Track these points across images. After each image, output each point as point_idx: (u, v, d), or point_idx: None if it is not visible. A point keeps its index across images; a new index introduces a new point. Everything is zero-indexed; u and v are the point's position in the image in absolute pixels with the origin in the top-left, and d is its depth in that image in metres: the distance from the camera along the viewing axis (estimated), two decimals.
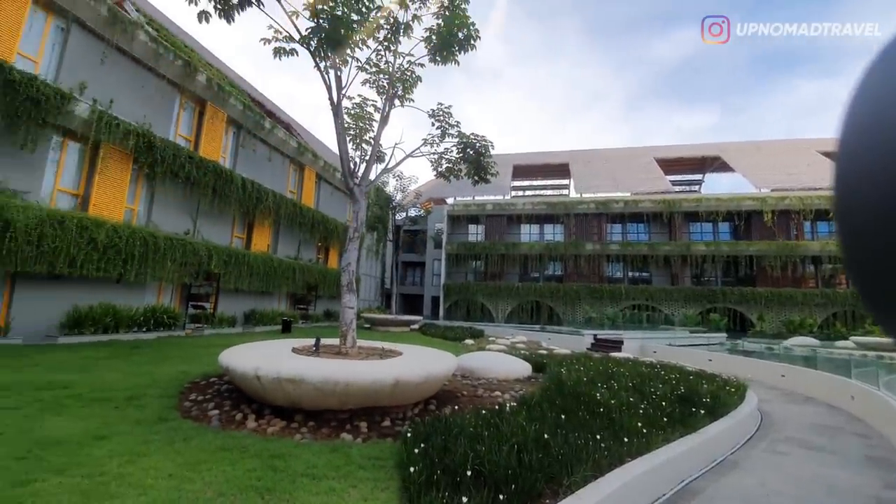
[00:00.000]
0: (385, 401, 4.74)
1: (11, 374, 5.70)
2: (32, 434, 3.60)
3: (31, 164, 9.28)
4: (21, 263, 8.43)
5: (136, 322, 10.72)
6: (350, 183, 6.66)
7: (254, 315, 15.91)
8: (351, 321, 6.14)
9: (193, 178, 12.91)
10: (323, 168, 21.80)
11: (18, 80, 8.51)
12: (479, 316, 30.97)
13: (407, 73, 7.67)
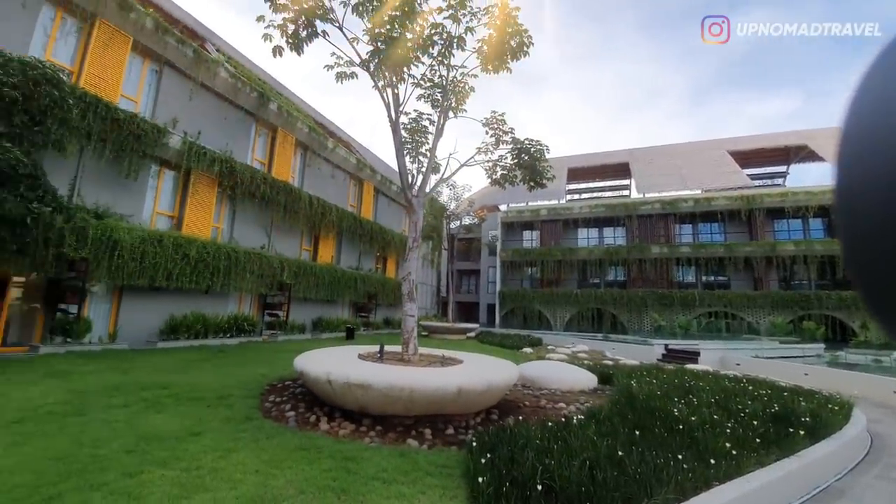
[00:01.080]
0: (448, 409, 4.77)
1: (120, 375, 6.54)
2: (139, 429, 4.09)
3: (135, 190, 10.72)
4: (127, 278, 9.71)
5: (221, 328, 11.88)
6: (408, 195, 6.90)
7: (320, 322, 16.90)
8: (412, 329, 6.29)
9: (267, 198, 14.14)
10: (380, 182, 22.75)
11: (122, 118, 9.90)
12: (537, 324, 30.17)
13: (460, 84, 7.80)
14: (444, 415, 4.85)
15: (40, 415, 4.25)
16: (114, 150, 9.81)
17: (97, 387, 5.58)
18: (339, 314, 18.78)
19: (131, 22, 10.46)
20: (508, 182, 8.73)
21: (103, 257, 9.03)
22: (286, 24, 5.70)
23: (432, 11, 6.47)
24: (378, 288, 20.95)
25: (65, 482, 2.83)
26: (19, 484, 2.74)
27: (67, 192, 8.92)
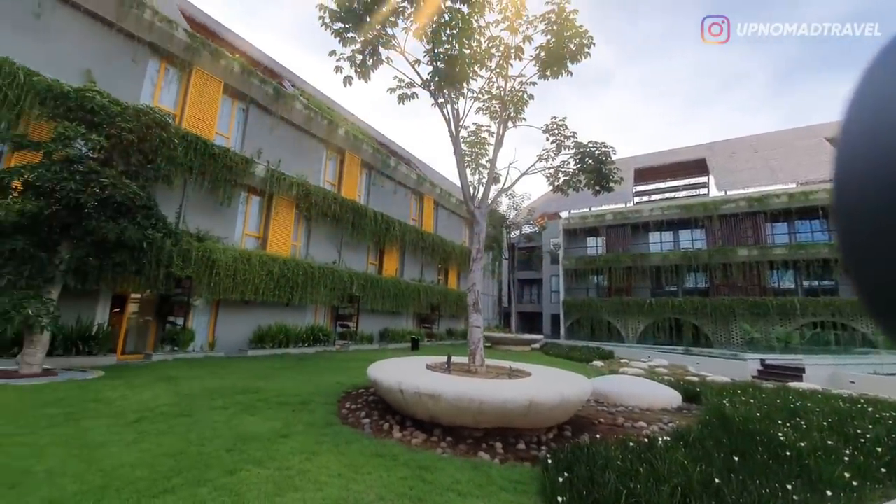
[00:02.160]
0: (518, 422, 4.66)
1: (219, 380, 7.30)
2: (236, 430, 4.51)
3: (227, 215, 12.07)
4: (222, 293, 10.90)
5: (300, 338, 12.83)
6: (470, 207, 6.97)
7: (387, 333, 17.53)
8: (479, 340, 6.28)
9: (337, 216, 15.15)
10: (439, 195, 23.27)
11: (217, 152, 11.26)
12: (606, 335, 28.43)
13: (518, 94, 7.78)
14: (514, 429, 4.74)
15: (155, 415, 4.88)
16: (211, 181, 11.19)
17: (200, 390, 6.28)
18: (404, 325, 19.31)
19: (222, 67, 11.96)
20: (572, 188, 8.45)
21: (204, 275, 10.26)
22: (355, 55, 6.16)
23: (489, 25, 6.59)
24: (440, 299, 21.26)
25: (176, 477, 3.21)
26: (140, 477, 3.15)
27: (174, 218, 10.31)
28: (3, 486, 2.81)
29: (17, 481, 2.90)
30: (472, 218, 7.04)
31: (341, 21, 5.91)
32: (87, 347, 8.13)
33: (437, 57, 6.20)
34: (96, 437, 3.95)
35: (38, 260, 6.60)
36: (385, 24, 6.07)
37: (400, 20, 6.14)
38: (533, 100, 7.88)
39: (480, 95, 7.59)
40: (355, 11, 5.73)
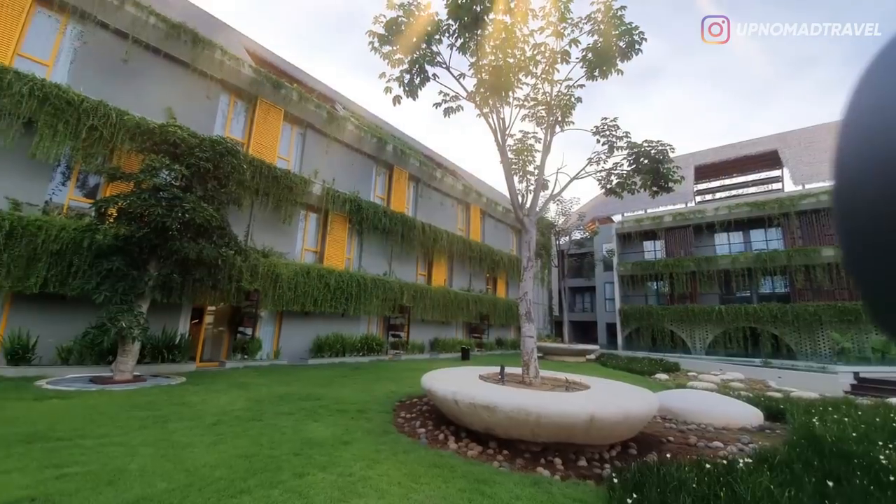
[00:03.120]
0: (578, 438, 4.46)
1: (284, 387, 7.74)
2: (302, 435, 4.74)
3: (288, 232, 12.91)
4: (285, 304, 11.62)
5: (355, 348, 13.31)
6: (519, 215, 6.90)
7: (437, 343, 17.66)
8: (532, 350, 6.14)
9: (387, 228, 15.66)
10: (486, 204, 23.25)
11: (279, 175, 12.13)
12: (669, 345, 26.48)
13: (565, 97, 7.64)
14: (574, 444, 4.54)
15: (230, 419, 5.27)
16: (274, 201, 12.07)
17: (268, 396, 6.71)
18: (454, 335, 19.34)
19: (282, 97, 12.94)
20: (627, 190, 8.07)
21: (269, 288, 11.03)
22: (403, 75, 6.42)
23: (533, 33, 6.57)
24: (489, 308, 21.08)
25: (251, 478, 3.43)
26: (220, 477, 3.40)
27: (243, 237, 11.22)
28: (102, 483, 3.13)
29: (114, 479, 3.22)
30: (520, 226, 6.95)
31: (389, 44, 6.20)
32: (171, 356, 9.01)
33: (482, 69, 6.28)
34: (181, 439, 4.33)
35: (131, 277, 7.47)
36: (430, 43, 6.26)
37: (445, 37, 6.31)
38: (581, 102, 7.70)
39: (526, 102, 7.55)
40: (402, 33, 5.99)
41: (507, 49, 6.14)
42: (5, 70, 7.72)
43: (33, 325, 7.75)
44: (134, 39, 9.93)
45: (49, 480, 3.08)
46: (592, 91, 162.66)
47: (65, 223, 7.96)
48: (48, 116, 8.12)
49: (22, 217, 7.56)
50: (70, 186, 8.96)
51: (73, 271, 7.86)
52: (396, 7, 5.88)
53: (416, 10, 5.94)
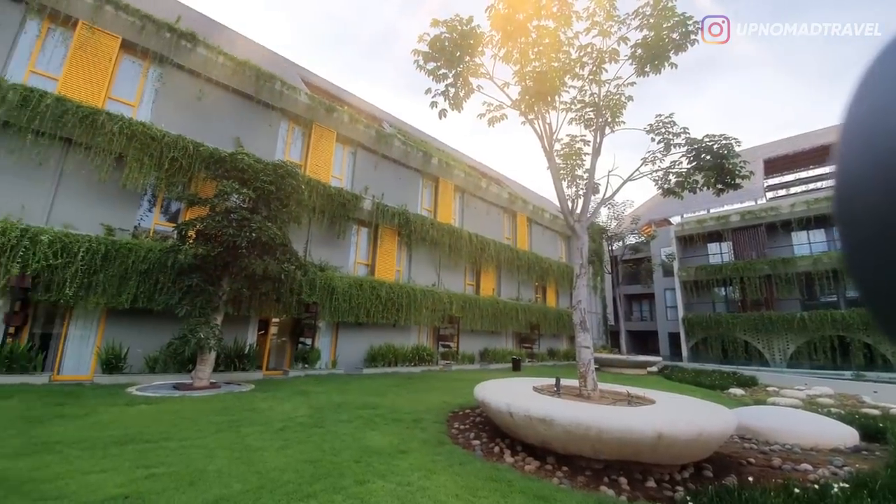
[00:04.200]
0: (645, 456, 4.18)
1: (342, 396, 8.03)
2: (361, 443, 4.87)
3: (342, 246, 13.52)
4: (341, 316, 12.12)
5: (407, 358, 13.54)
6: (570, 221, 6.71)
7: (487, 353, 17.47)
8: (589, 361, 5.88)
9: (435, 240, 15.90)
10: (532, 212, 22.88)
11: (333, 193, 12.80)
12: (743, 357, 24.08)
13: (614, 97, 7.38)
14: (640, 463, 4.26)
15: (295, 425, 5.54)
16: (329, 218, 12.75)
17: (328, 404, 6.99)
18: (504, 345, 19.04)
19: (334, 119, 13.73)
20: (688, 189, 7.57)
21: (326, 300, 11.59)
22: (448, 89, 6.57)
23: (577, 35, 6.45)
24: (539, 318, 20.55)
25: (316, 483, 3.57)
26: (288, 481, 3.58)
27: (302, 252, 11.91)
28: (184, 483, 3.40)
29: (196, 479, 3.49)
30: (571, 232, 6.75)
31: (434, 60, 6.39)
32: (241, 364, 9.71)
33: (526, 76, 6.26)
34: (252, 443, 4.63)
35: (207, 292, 8.20)
36: (474, 55, 6.37)
37: (488, 48, 6.38)
38: (632, 101, 7.39)
39: (573, 105, 7.38)
40: (446, 49, 6.15)
41: (552, 53, 6.07)
42: (98, 112, 8.89)
43: (125, 338, 8.72)
44: (206, 78, 11.06)
45: (139, 480, 3.40)
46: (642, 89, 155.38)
47: (151, 245, 8.95)
48: (136, 151, 9.23)
49: (115, 241, 8.60)
50: (155, 212, 10.08)
51: (159, 288, 8.78)
52: (440, 24, 6.06)
53: (460, 25, 6.07)
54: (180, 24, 10.55)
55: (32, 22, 9.00)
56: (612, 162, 47.38)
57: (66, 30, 9.34)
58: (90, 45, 9.40)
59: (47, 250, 7.71)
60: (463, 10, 62.42)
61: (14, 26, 8.67)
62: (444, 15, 15.51)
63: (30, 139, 8.20)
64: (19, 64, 8.75)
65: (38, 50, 9.04)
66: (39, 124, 8.19)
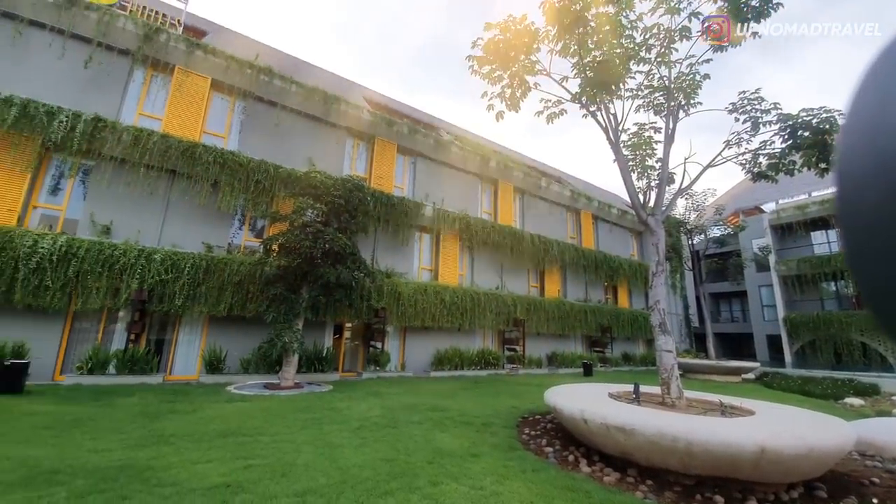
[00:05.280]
0: (744, 473, 3.74)
1: (412, 397, 8.25)
2: (432, 444, 4.96)
3: (406, 253, 13.97)
4: (408, 320, 12.50)
5: (472, 361, 13.56)
6: (642, 216, 6.26)
7: (555, 357, 16.86)
8: (672, 367, 5.42)
9: (496, 243, 15.80)
10: (597, 208, 21.76)
11: (396, 202, 13.29)
12: (860, 361, 20.53)
13: (687, 78, 6.79)
14: (739, 480, 3.82)
15: (370, 424, 5.81)
16: (393, 226, 13.28)
17: (399, 405, 7.24)
18: (573, 349, 18.25)
19: (394, 132, 14.32)
20: (783, 172, 6.67)
21: (393, 306, 12.05)
22: (504, 90, 6.53)
23: (641, 16, 6.04)
24: (611, 320, 19.39)
25: (393, 481, 3.70)
26: (367, 478, 3.75)
27: (370, 260, 12.53)
28: (277, 474, 3.71)
29: (287, 472, 3.80)
30: (644, 227, 6.29)
31: (488, 64, 6.39)
32: (320, 366, 10.44)
33: (586, 67, 5.99)
34: (333, 439, 4.94)
35: (290, 300, 8.95)
36: (529, 53, 6.25)
37: (543, 44, 6.23)
38: (708, 79, 6.73)
39: (639, 92, 6.91)
40: (501, 51, 6.11)
41: (613, 40, 5.75)
42: (196, 145, 10.17)
43: (223, 342, 9.82)
44: (281, 106, 12.18)
45: (239, 470, 3.77)
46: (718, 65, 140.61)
47: (242, 259, 10.01)
48: (227, 177, 10.41)
49: (213, 257, 9.75)
50: (244, 230, 11.27)
51: (249, 297, 9.78)
52: (493, 27, 6.04)
53: (513, 25, 6.01)
54: (258, 60, 11.75)
55: (138, 71, 10.59)
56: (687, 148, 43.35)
57: (165, 75, 10.86)
58: (186, 86, 10.83)
59: (160, 267, 8.97)
60: (514, 9, 61.79)
61: (124, 76, 10.25)
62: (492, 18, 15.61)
63: (142, 172, 9.63)
64: (130, 108, 10.33)
65: (145, 95, 10.60)
66: (149, 159, 9.59)
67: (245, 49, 12.56)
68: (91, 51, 9.77)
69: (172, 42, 10.56)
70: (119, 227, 9.32)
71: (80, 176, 9.41)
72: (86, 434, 4.65)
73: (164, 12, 11.41)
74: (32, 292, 7.81)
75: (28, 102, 8.51)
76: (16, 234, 7.86)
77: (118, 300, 8.56)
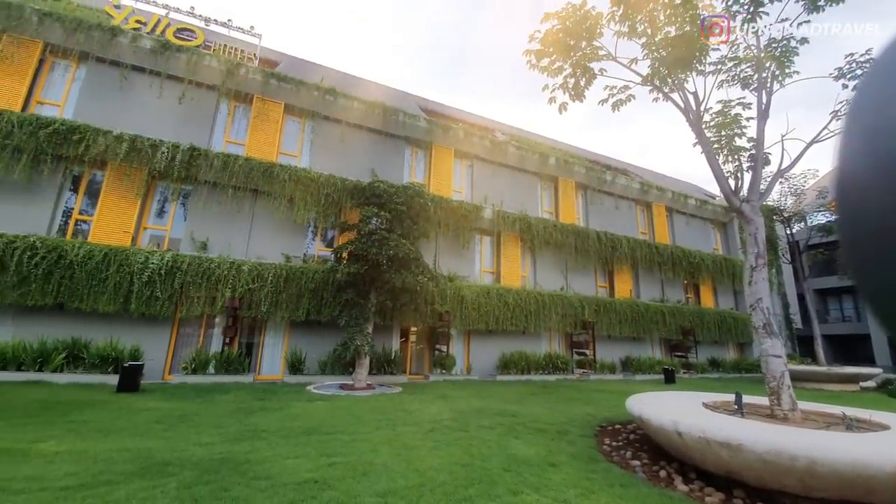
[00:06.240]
0: (881, 497, 3.13)
1: (480, 401, 8.14)
2: (507, 451, 4.80)
3: (467, 256, 13.95)
4: (471, 324, 12.43)
5: (539, 365, 13.11)
6: (735, 203, 5.57)
7: (630, 362, 15.73)
8: (782, 374, 4.73)
9: (559, 242, 15.21)
10: (671, 199, 20.06)
11: (455, 206, 13.35)
12: None
13: (781, 44, 5.98)
14: None
15: (442, 427, 5.80)
16: (453, 230, 13.37)
17: (468, 409, 7.17)
18: (650, 353, 16.90)
19: (450, 137, 14.47)
20: None
21: (456, 309, 12.08)
22: (566, 80, 6.25)
23: None
24: (694, 321, 17.66)
25: (471, 487, 3.62)
26: (444, 482, 3.71)
27: (432, 264, 12.70)
28: (359, 473, 3.81)
29: (367, 471, 3.88)
30: (738, 216, 5.59)
31: (547, 56, 6.16)
32: (389, 368, 10.76)
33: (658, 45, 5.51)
34: (408, 441, 5.00)
35: (360, 305, 9.34)
36: (592, 39, 5.92)
37: (607, 28, 5.85)
38: (806, 44, 5.86)
39: (722, 66, 6.20)
40: (560, 42, 5.85)
41: (690, 12, 5.23)
42: (274, 165, 11.09)
43: (303, 344, 10.52)
44: (346, 122, 12.89)
45: (324, 467, 3.93)
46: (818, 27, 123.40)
47: (316, 268, 10.67)
48: (301, 192, 11.20)
49: (292, 266, 10.51)
50: (317, 240, 12.03)
51: (324, 303, 10.39)
52: (552, 17, 5.81)
53: (573, 13, 5.73)
54: (323, 82, 12.58)
55: (223, 103, 11.85)
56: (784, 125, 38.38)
57: (245, 105, 12.02)
58: (263, 113, 11.90)
59: (247, 277, 9.86)
60: None
61: (212, 109, 11.52)
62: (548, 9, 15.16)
63: (230, 193, 10.71)
64: (218, 137, 11.58)
65: (230, 124, 11.82)
66: (235, 181, 10.64)
67: (311, 73, 13.51)
68: (183, 88, 11.12)
69: (250, 74, 11.68)
70: (214, 243, 10.44)
71: (181, 199, 10.71)
72: (191, 428, 5.18)
73: (242, 48, 12.65)
74: (145, 302, 8.99)
75: (136, 138, 9.88)
76: (131, 252, 9.12)
77: (215, 307, 9.56)
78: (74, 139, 9.34)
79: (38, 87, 10.14)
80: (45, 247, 8.43)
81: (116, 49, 10.58)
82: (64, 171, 9.65)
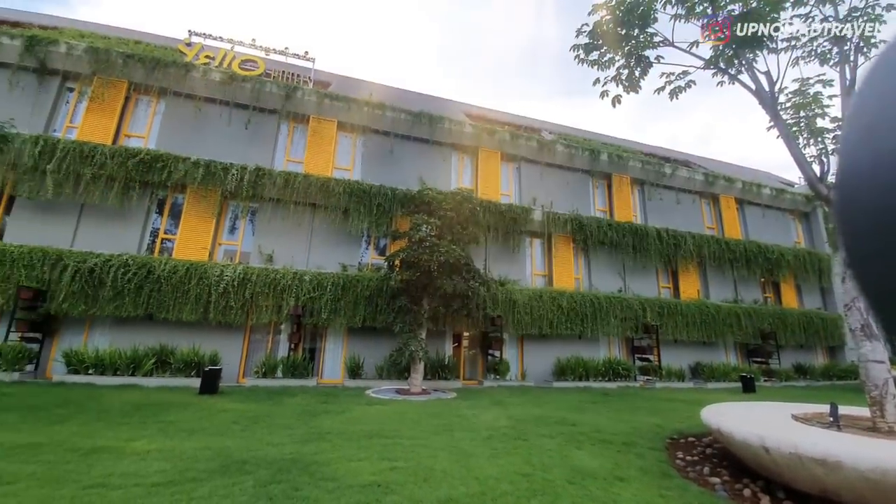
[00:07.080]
0: None
1: (537, 408, 7.93)
2: (569, 461, 4.61)
3: (518, 260, 13.73)
4: (524, 328, 12.19)
5: (599, 372, 12.51)
6: (822, 190, 4.97)
7: (700, 368, 14.52)
8: (885, 382, 4.14)
9: (615, 242, 14.49)
10: (742, 190, 18.35)
11: (504, 209, 13.23)
12: None
13: (863, 13, 5.30)
14: None
15: (499, 434, 5.72)
16: (502, 233, 13.26)
17: (526, 416, 7.01)
18: (723, 359, 15.50)
19: (496, 141, 14.40)
20: None
21: (509, 314, 11.92)
22: (619, 72, 5.98)
23: None
24: (775, 324, 15.93)
25: (534, 499, 3.52)
26: (505, 491, 3.63)
27: (482, 269, 12.65)
28: (419, 479, 3.84)
29: (428, 476, 3.90)
30: (825, 204, 5.00)
31: (596, 49, 5.94)
32: (443, 374, 10.84)
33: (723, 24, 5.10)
34: (465, 447, 4.99)
35: (413, 311, 9.54)
36: (645, 26, 5.61)
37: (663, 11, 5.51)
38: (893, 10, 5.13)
39: (796, 41, 5.59)
40: (610, 32, 5.62)
41: None
42: (329, 180, 11.72)
43: (360, 350, 10.93)
44: (394, 134, 13.33)
45: (385, 471, 4.00)
46: None
47: (370, 276, 11.08)
48: (355, 204, 11.72)
49: (348, 275, 10.99)
50: (371, 249, 12.50)
51: (378, 310, 10.74)
52: (601, 8, 5.59)
53: (622, 1, 5.47)
54: (372, 98, 13.14)
55: (283, 125, 12.77)
56: None
57: (303, 125, 12.85)
58: (318, 131, 12.65)
59: (309, 286, 10.46)
60: None
61: (273, 131, 12.45)
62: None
63: (292, 208, 11.47)
64: (279, 157, 12.50)
65: (290, 144, 12.68)
66: (296, 196, 11.38)
67: (360, 90, 14.14)
68: (248, 114, 12.14)
69: (306, 96, 12.49)
70: (279, 255, 11.23)
71: (249, 216, 11.65)
72: (264, 429, 5.56)
73: (298, 73, 13.55)
74: (221, 311, 9.84)
75: (210, 163, 10.91)
76: (208, 266, 10.05)
77: (281, 315, 10.26)
78: (158, 167, 10.54)
79: (125, 122, 11.58)
80: (136, 264, 9.56)
81: (190, 83, 11.80)
82: (150, 196, 10.91)
